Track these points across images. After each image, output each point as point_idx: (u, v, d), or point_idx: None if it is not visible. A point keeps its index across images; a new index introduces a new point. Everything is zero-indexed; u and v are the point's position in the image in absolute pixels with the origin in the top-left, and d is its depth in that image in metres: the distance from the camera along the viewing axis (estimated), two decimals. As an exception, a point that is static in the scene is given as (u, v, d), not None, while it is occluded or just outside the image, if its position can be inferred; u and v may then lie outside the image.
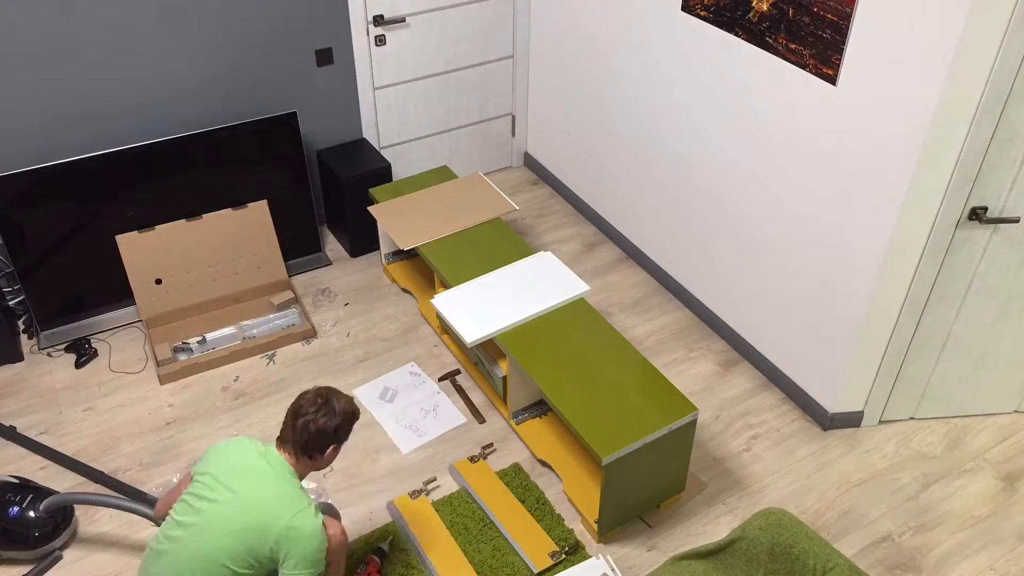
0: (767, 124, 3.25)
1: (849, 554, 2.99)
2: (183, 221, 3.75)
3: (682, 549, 3.00)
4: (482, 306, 3.27)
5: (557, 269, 3.43)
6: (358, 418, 2.44)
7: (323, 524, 2.30)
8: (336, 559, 2.47)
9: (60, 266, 3.71)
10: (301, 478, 2.36)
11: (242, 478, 2.28)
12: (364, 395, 3.53)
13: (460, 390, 3.58)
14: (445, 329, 3.70)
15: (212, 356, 3.68)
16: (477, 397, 3.57)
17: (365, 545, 2.97)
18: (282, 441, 2.37)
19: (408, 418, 3.45)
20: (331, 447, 2.38)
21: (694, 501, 3.17)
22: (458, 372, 3.65)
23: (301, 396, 2.38)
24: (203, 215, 3.79)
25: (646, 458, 2.85)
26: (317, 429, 2.31)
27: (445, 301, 3.31)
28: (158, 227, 3.71)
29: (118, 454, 3.33)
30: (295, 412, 2.34)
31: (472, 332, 3.17)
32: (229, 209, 3.83)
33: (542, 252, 3.53)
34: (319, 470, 2.48)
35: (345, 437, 2.40)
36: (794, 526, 2.41)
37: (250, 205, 3.86)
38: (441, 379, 3.62)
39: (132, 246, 3.67)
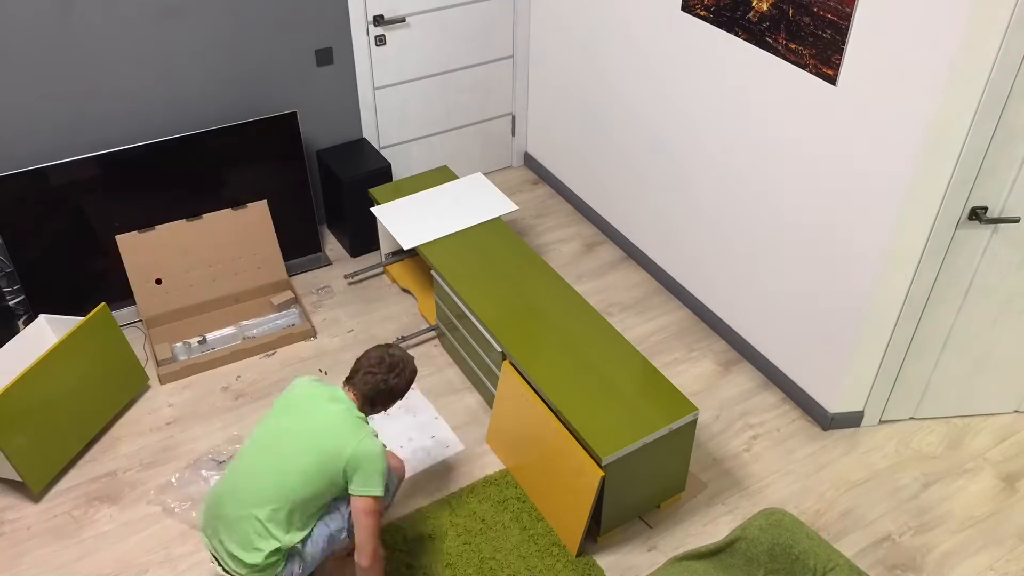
0: (767, 124, 3.25)
1: (849, 554, 2.99)
2: (183, 221, 3.75)
3: (682, 549, 3.00)
4: (419, 218, 3.78)
5: (488, 189, 3.91)
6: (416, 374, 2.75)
7: (384, 449, 2.52)
8: (395, 489, 2.80)
9: (60, 266, 3.71)
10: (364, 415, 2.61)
11: (313, 411, 2.53)
12: None
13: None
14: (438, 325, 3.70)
15: (212, 356, 3.68)
16: (475, 398, 3.57)
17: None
18: (350, 385, 2.59)
19: (407, 443, 3.39)
20: (394, 402, 2.67)
21: (694, 501, 3.17)
22: None
23: (370, 354, 2.61)
24: (203, 215, 3.79)
25: (646, 458, 2.85)
26: (388, 388, 2.58)
27: (384, 211, 3.82)
28: (158, 227, 3.71)
29: (118, 454, 3.33)
30: (368, 368, 2.58)
31: (409, 239, 3.64)
32: (229, 209, 3.83)
33: (475, 174, 4.03)
34: (378, 413, 2.81)
35: (406, 392, 2.72)
36: (794, 526, 2.41)
37: (250, 205, 3.86)
38: None
39: (132, 246, 3.66)
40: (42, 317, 3.48)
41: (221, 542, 2.51)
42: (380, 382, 2.56)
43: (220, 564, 2.52)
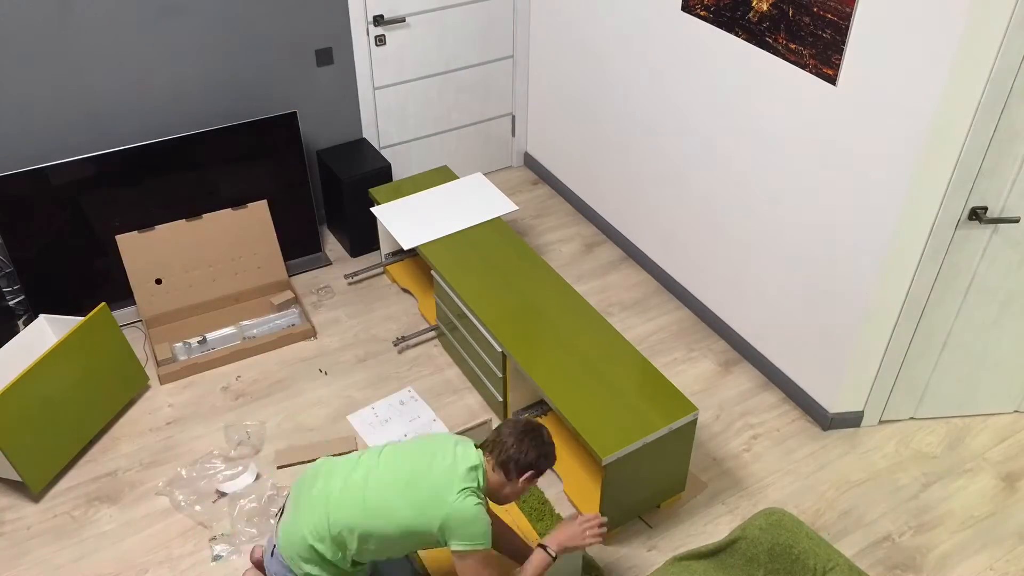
0: (767, 124, 3.25)
1: (849, 554, 2.99)
2: (183, 221, 3.75)
3: (682, 549, 3.00)
4: (419, 218, 3.78)
5: (488, 189, 3.82)
6: (548, 465, 2.43)
7: (483, 509, 2.34)
8: None
9: (60, 266, 3.71)
10: (491, 489, 2.40)
11: (416, 467, 2.37)
12: (357, 422, 3.48)
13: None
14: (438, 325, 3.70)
15: (212, 356, 3.68)
16: (475, 398, 3.57)
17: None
18: (487, 447, 2.43)
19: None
20: (527, 474, 2.39)
21: (694, 501, 3.17)
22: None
23: (510, 423, 2.43)
24: (203, 215, 3.79)
25: (646, 458, 2.85)
26: (519, 456, 2.37)
27: (384, 211, 3.81)
28: (158, 227, 3.71)
29: (118, 454, 3.33)
30: (505, 429, 2.41)
31: (409, 239, 3.62)
32: (229, 209, 3.83)
33: (475, 174, 3.89)
34: (507, 498, 2.45)
35: (541, 470, 2.41)
36: (794, 526, 2.41)
37: (250, 205, 3.86)
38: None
39: (132, 246, 3.66)
40: (42, 317, 3.48)
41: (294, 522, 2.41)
42: (508, 447, 2.37)
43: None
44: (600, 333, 3.18)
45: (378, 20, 4.10)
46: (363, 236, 4.31)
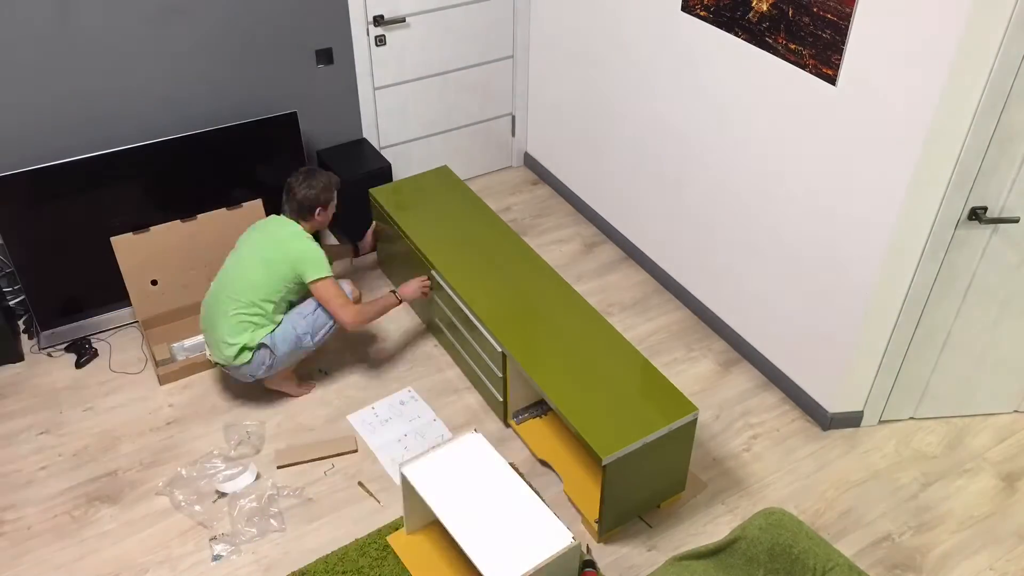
0: (767, 124, 3.25)
1: (849, 554, 2.99)
2: (178, 222, 3.73)
3: (682, 549, 3.00)
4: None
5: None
6: (338, 186, 3.33)
7: (318, 246, 3.23)
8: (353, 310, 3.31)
9: (60, 266, 3.71)
10: (311, 232, 3.31)
11: (260, 232, 3.31)
12: (357, 422, 3.48)
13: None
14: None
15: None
16: (475, 398, 3.57)
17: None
18: (286, 211, 3.32)
19: (402, 447, 3.37)
20: (318, 209, 3.28)
21: (694, 501, 3.17)
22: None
23: (292, 175, 3.28)
24: (198, 215, 3.78)
25: (646, 458, 2.86)
26: (303, 196, 3.24)
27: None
28: (153, 228, 3.70)
29: (118, 454, 3.33)
30: (287, 187, 3.27)
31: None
32: (224, 209, 3.82)
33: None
34: (321, 227, 3.35)
35: (329, 199, 3.29)
36: (794, 526, 2.41)
37: (245, 204, 3.85)
38: None
39: (127, 247, 3.65)
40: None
41: (212, 338, 3.27)
42: (296, 192, 3.22)
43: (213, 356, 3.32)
44: (600, 333, 3.18)
45: (378, 20, 4.10)
46: (363, 236, 4.30)
